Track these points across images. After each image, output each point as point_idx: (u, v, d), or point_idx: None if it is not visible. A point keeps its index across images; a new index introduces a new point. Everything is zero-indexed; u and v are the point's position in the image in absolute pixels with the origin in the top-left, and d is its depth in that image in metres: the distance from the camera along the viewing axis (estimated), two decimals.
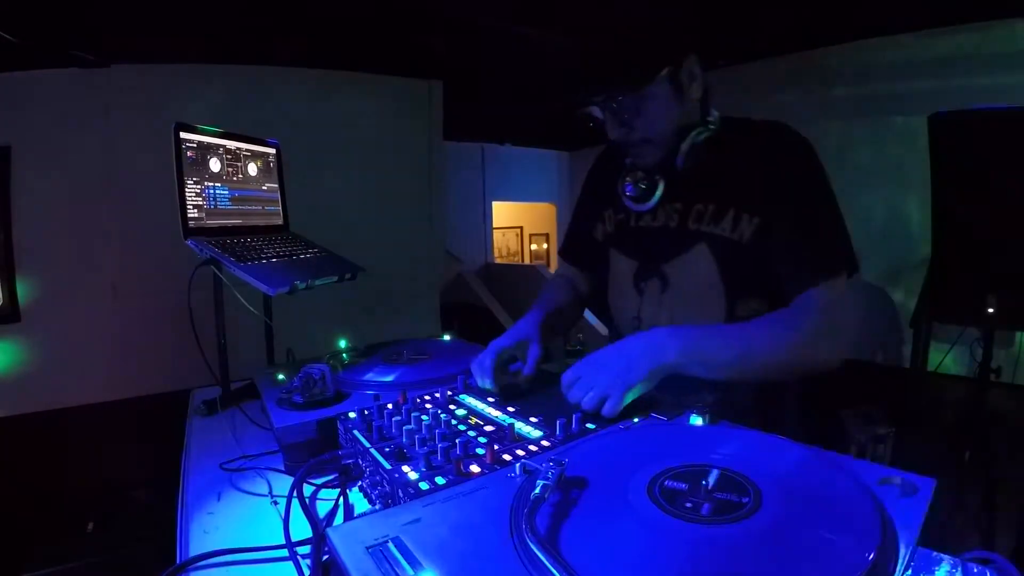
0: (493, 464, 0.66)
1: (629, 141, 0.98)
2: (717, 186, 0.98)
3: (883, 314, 3.05)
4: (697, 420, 0.70)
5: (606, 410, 0.78)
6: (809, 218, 0.91)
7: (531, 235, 7.87)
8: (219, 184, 1.32)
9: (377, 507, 0.71)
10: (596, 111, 0.98)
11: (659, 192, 1.00)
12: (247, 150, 1.42)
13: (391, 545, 0.47)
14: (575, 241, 1.26)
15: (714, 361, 0.84)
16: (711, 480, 0.52)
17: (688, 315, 1.00)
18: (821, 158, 0.94)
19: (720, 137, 0.98)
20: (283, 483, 0.85)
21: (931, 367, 2.59)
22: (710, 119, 1.00)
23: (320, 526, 0.66)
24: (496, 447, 0.69)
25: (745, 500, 0.49)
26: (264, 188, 1.48)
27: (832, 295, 0.88)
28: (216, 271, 1.19)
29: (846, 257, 0.92)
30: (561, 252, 1.32)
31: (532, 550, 0.43)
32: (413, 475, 0.64)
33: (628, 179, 1.03)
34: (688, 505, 0.49)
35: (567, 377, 0.85)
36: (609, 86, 0.93)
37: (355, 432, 0.79)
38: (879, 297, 3.06)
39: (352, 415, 0.85)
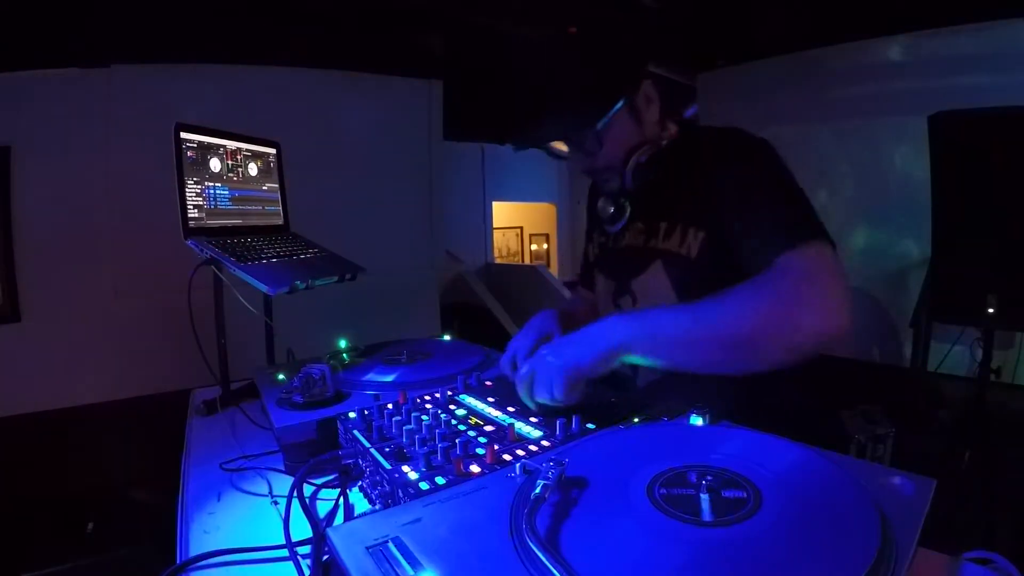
0: (493, 464, 0.66)
1: (594, 169, 1.00)
2: (671, 202, 0.99)
3: (883, 314, 3.05)
4: (697, 420, 0.70)
5: (556, 393, 0.76)
6: (770, 196, 0.85)
7: (531, 235, 7.87)
8: (219, 184, 1.32)
9: (377, 507, 0.71)
10: (557, 149, 0.99)
11: (627, 213, 1.03)
12: (247, 150, 1.42)
13: (391, 545, 0.47)
14: (583, 266, 1.33)
15: (668, 338, 0.75)
16: (711, 481, 0.52)
17: None
18: (782, 156, 0.89)
19: (674, 152, 0.98)
20: (283, 483, 0.85)
21: (931, 367, 2.59)
22: (663, 134, 1.00)
23: (320, 526, 0.66)
24: (496, 447, 0.69)
25: (745, 501, 0.49)
26: (264, 188, 1.48)
27: (814, 258, 0.78)
28: (216, 271, 1.19)
29: (820, 226, 0.81)
30: (581, 283, 1.37)
31: (532, 550, 0.43)
32: (413, 475, 0.64)
33: (601, 202, 1.07)
34: (688, 506, 0.49)
35: (519, 376, 0.82)
36: (568, 124, 0.93)
37: (355, 432, 0.79)
38: (879, 297, 3.06)
39: (352, 415, 0.85)
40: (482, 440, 0.73)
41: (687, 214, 0.95)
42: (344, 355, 1.21)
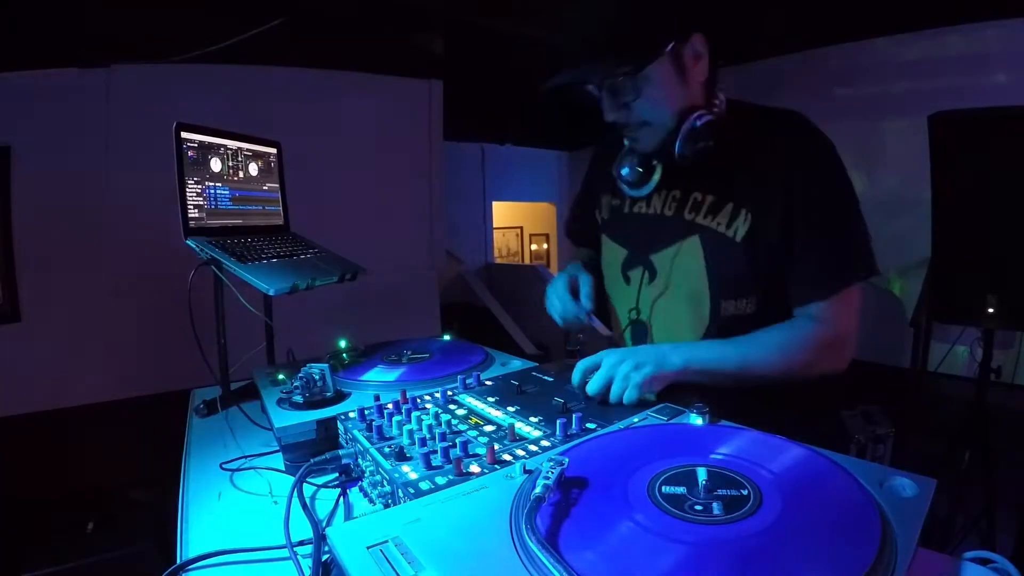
0: (493, 464, 0.66)
1: (627, 123, 0.92)
2: (718, 177, 0.92)
3: (883, 314, 3.05)
4: (697, 420, 0.70)
5: (627, 395, 0.81)
6: (825, 224, 0.87)
7: (531, 235, 7.87)
8: (220, 184, 1.32)
9: (377, 507, 0.71)
10: (593, 89, 0.91)
11: (656, 177, 0.95)
12: (248, 150, 1.42)
13: (391, 545, 0.47)
14: (578, 221, 1.26)
15: (715, 372, 0.88)
16: (711, 480, 0.52)
17: (670, 308, 0.98)
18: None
19: (727, 123, 0.91)
20: (283, 483, 0.85)
21: (931, 367, 2.59)
22: (716, 102, 0.93)
23: (320, 526, 0.66)
24: (496, 447, 0.69)
25: (745, 500, 0.49)
26: (265, 188, 1.48)
27: (844, 309, 0.88)
28: (216, 271, 1.19)
29: (864, 264, 0.88)
30: (567, 232, 1.33)
31: (532, 550, 0.43)
32: (413, 475, 0.64)
33: (625, 162, 0.98)
34: (688, 505, 0.49)
35: (587, 362, 0.87)
36: (607, 63, 0.84)
37: (355, 432, 0.79)
38: (879, 297, 3.06)
39: (352, 415, 0.85)
40: (482, 440, 0.73)
41: (739, 194, 0.90)
42: (344, 355, 1.21)
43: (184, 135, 1.23)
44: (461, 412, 0.84)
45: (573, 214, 1.28)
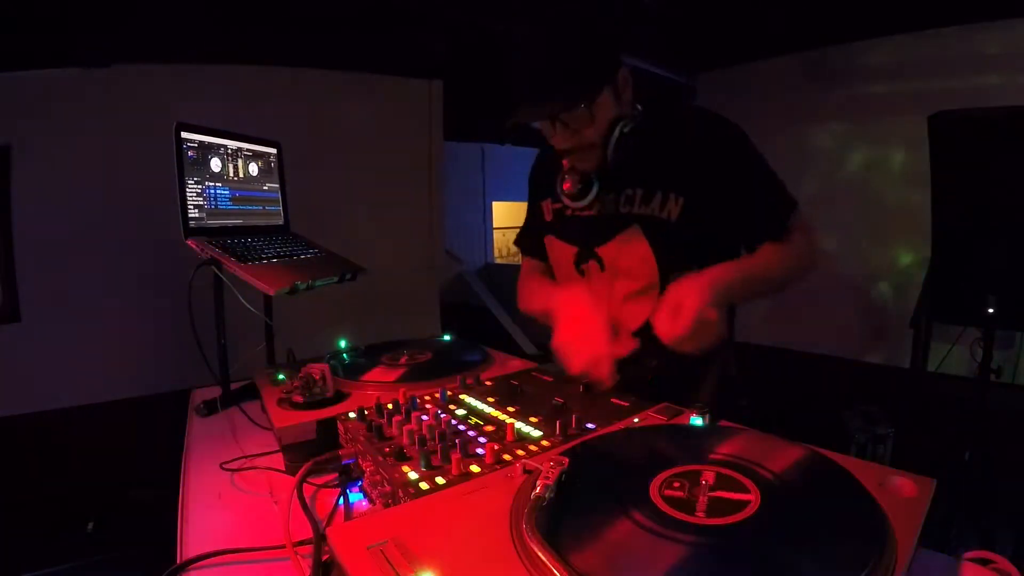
0: (493, 464, 0.66)
1: (579, 148, 1.04)
2: (644, 171, 1.06)
3: (883, 314, 3.05)
4: (697, 420, 0.70)
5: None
6: (756, 173, 1.04)
7: None
8: (220, 184, 1.32)
9: (377, 507, 0.71)
10: (539, 125, 1.05)
11: (594, 189, 1.08)
12: (248, 150, 1.42)
13: (391, 545, 0.47)
14: (529, 234, 1.33)
15: (738, 290, 0.97)
16: (711, 480, 0.52)
17: (623, 288, 1.11)
18: (774, 162, 1.04)
19: (644, 126, 1.04)
20: (283, 483, 0.85)
21: (931, 367, 2.59)
22: (635, 113, 1.07)
23: (320, 526, 0.66)
24: (496, 447, 0.69)
25: (745, 500, 0.49)
26: (265, 188, 1.48)
27: (805, 219, 1.05)
28: (216, 271, 1.19)
29: (791, 201, 1.05)
30: (519, 244, 1.40)
31: (532, 550, 0.43)
32: (413, 475, 0.64)
33: (566, 179, 1.11)
34: (688, 505, 0.49)
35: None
36: (567, 98, 0.96)
37: (355, 432, 0.79)
38: (879, 297, 3.06)
39: (352, 415, 0.85)
40: (482, 440, 0.73)
41: (666, 181, 1.05)
42: (344, 355, 1.21)
43: (184, 135, 1.23)
44: (461, 412, 0.84)
45: (525, 227, 1.36)
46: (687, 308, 0.85)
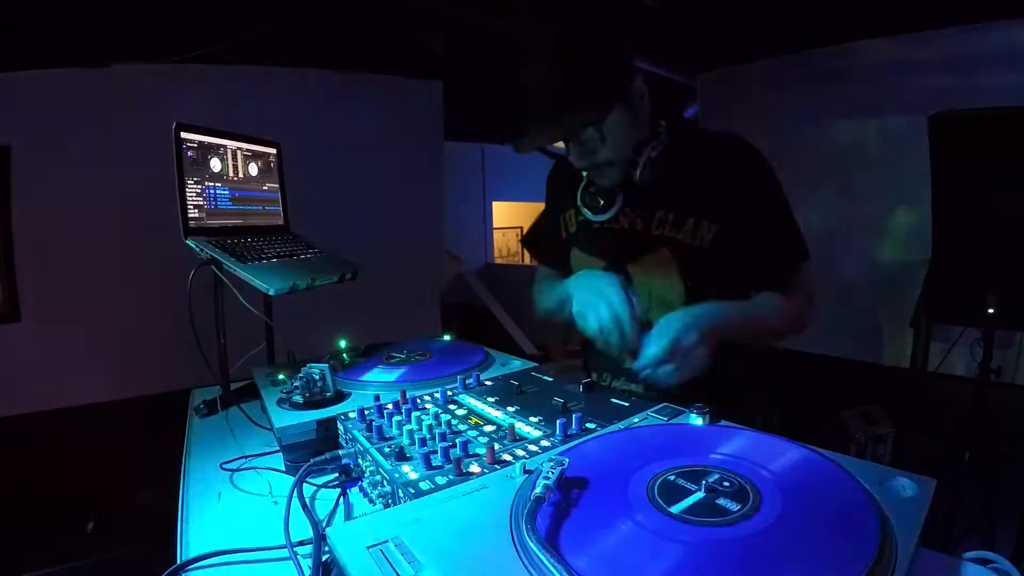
0: (493, 464, 0.66)
1: (595, 164, 1.02)
2: (676, 196, 1.04)
3: (883, 314, 3.05)
4: (697, 420, 0.70)
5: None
6: (778, 217, 1.03)
7: None
8: (220, 184, 1.32)
9: (377, 507, 0.71)
10: (555, 148, 1.05)
11: (617, 206, 1.08)
12: (248, 150, 1.42)
13: (391, 545, 0.47)
14: (549, 243, 1.28)
15: (738, 330, 1.00)
16: (711, 481, 0.52)
17: (651, 310, 1.07)
18: (775, 165, 1.03)
19: (676, 148, 1.04)
20: (283, 483, 0.85)
21: (931, 367, 2.59)
22: (660, 131, 1.06)
23: (320, 526, 0.66)
24: (496, 447, 0.69)
25: (745, 500, 0.49)
26: (265, 188, 1.48)
27: (810, 272, 1.05)
28: (216, 271, 1.19)
29: (802, 252, 1.05)
30: (530, 247, 1.37)
31: (532, 550, 0.43)
32: (413, 475, 0.64)
33: (588, 194, 1.10)
34: (688, 505, 0.49)
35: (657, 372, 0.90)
36: (575, 120, 0.95)
37: (355, 432, 0.79)
38: (879, 297, 3.06)
39: (352, 415, 0.85)
40: (482, 440, 0.73)
41: (698, 208, 1.03)
42: (344, 355, 1.21)
43: (184, 135, 1.23)
44: (461, 412, 0.84)
45: (539, 230, 1.33)
46: (677, 342, 0.87)
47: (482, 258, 6.32)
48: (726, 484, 0.52)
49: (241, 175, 1.40)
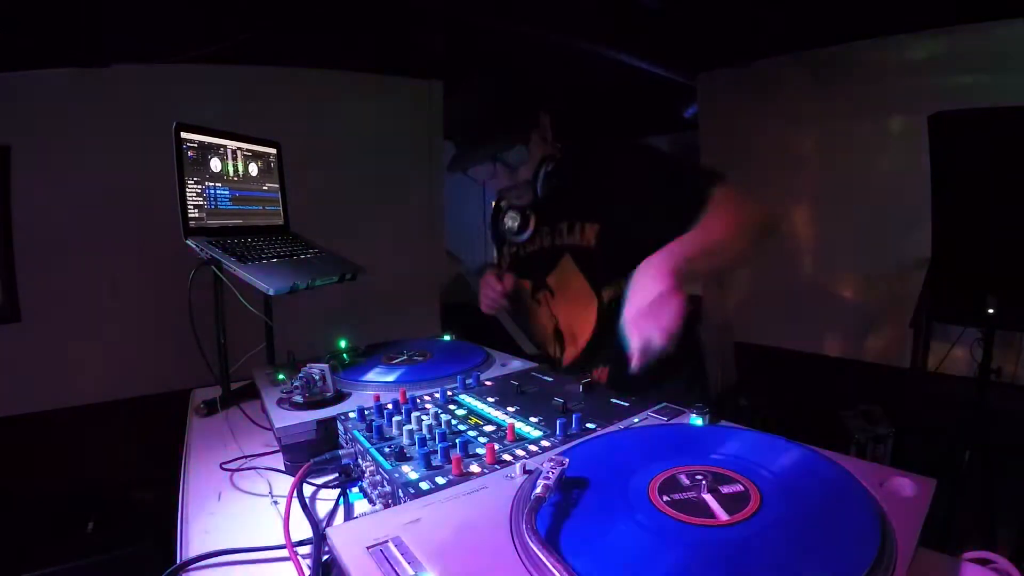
0: (493, 464, 0.66)
1: (515, 186, 1.17)
2: (567, 205, 1.19)
3: (883, 314, 3.05)
4: (697, 420, 0.70)
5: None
6: (666, 174, 1.11)
7: None
8: (220, 184, 1.32)
9: (377, 507, 0.71)
10: (479, 172, 1.17)
11: (532, 223, 1.22)
12: (248, 150, 1.42)
13: (391, 545, 0.47)
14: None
15: (693, 258, 0.97)
16: (711, 480, 0.52)
17: (570, 311, 1.26)
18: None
19: (564, 163, 1.17)
20: (283, 483, 0.85)
21: (931, 367, 2.59)
22: (556, 150, 1.19)
23: (320, 526, 0.66)
24: (496, 447, 0.69)
25: (745, 500, 0.49)
26: (265, 188, 1.48)
27: (725, 191, 1.04)
28: (216, 271, 1.19)
29: (707, 179, 1.06)
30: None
31: (532, 550, 0.43)
32: (413, 475, 0.64)
33: (506, 218, 1.25)
34: (688, 505, 0.49)
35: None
36: (506, 138, 1.11)
37: (355, 432, 0.79)
38: (879, 297, 3.06)
39: (352, 415, 0.85)
40: (482, 440, 0.73)
41: (581, 211, 1.17)
42: (344, 355, 1.21)
43: (184, 135, 1.23)
44: (461, 412, 0.84)
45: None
46: (652, 295, 0.86)
47: (482, 258, 6.31)
48: (726, 484, 0.52)
49: (241, 175, 1.40)
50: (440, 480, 0.62)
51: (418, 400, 0.89)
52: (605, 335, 1.16)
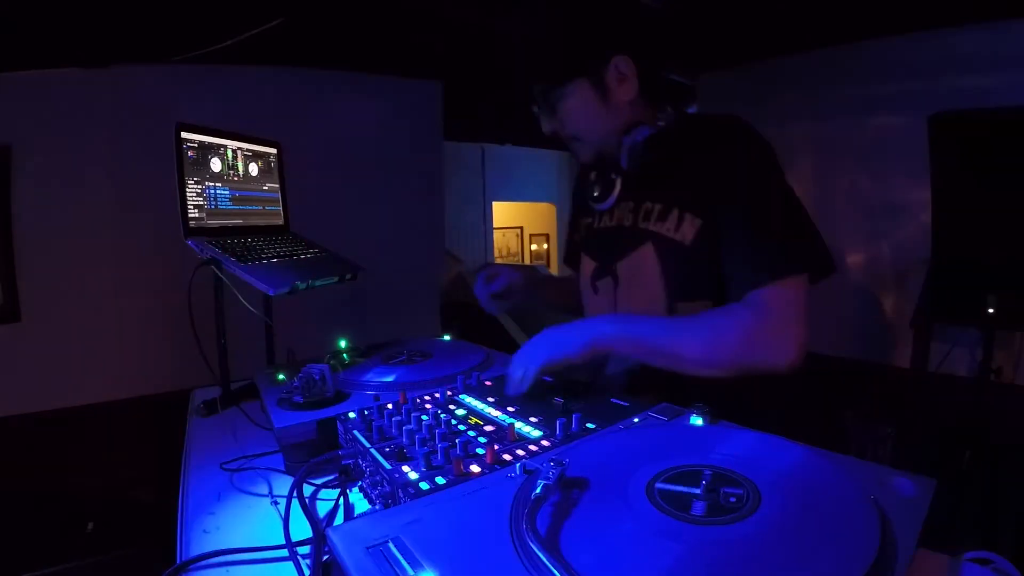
0: (493, 464, 0.66)
1: (562, 136, 1.01)
2: (665, 185, 0.98)
3: (883, 314, 3.05)
4: (697, 420, 0.70)
5: (515, 386, 0.86)
6: (758, 216, 0.88)
7: (531, 235, 7.85)
8: (220, 184, 1.32)
9: (377, 507, 0.71)
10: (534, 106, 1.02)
11: (616, 190, 1.03)
12: (248, 150, 1.42)
13: (391, 545, 0.47)
14: (570, 248, 1.31)
15: (644, 347, 0.88)
16: (711, 480, 0.52)
17: (632, 312, 1.03)
18: (780, 159, 0.92)
19: (672, 135, 0.97)
20: (283, 483, 0.85)
21: (931, 367, 2.59)
22: (660, 116, 1.00)
23: (320, 526, 0.66)
24: (496, 447, 0.69)
25: (745, 501, 0.49)
26: (265, 188, 1.48)
27: (779, 298, 0.84)
28: (216, 271, 1.19)
29: (804, 257, 0.87)
30: (566, 262, 1.36)
31: (532, 550, 0.43)
32: (413, 475, 0.64)
33: (590, 179, 1.08)
34: (688, 505, 0.49)
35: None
36: (529, 77, 0.97)
37: (355, 432, 0.79)
38: (879, 297, 3.06)
39: (352, 415, 0.85)
40: (482, 440, 0.73)
41: (683, 200, 0.94)
42: (344, 355, 1.21)
43: (184, 135, 1.23)
44: (461, 412, 0.84)
45: (567, 244, 1.34)
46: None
47: (482, 258, 6.31)
48: (726, 484, 0.52)
49: (241, 175, 1.40)
50: (440, 480, 0.62)
51: (418, 400, 0.89)
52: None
